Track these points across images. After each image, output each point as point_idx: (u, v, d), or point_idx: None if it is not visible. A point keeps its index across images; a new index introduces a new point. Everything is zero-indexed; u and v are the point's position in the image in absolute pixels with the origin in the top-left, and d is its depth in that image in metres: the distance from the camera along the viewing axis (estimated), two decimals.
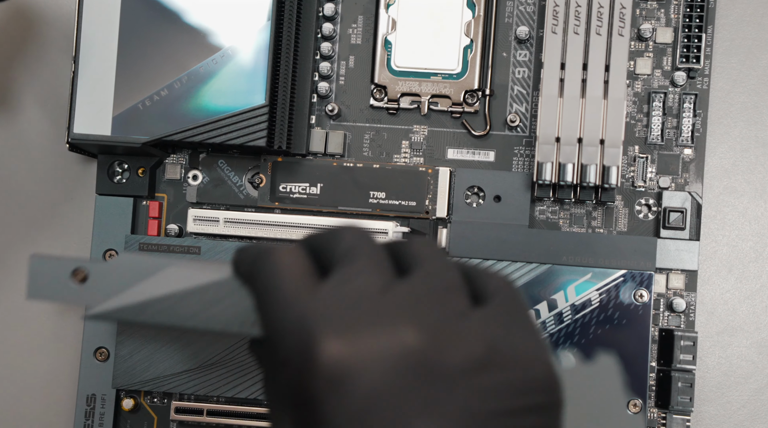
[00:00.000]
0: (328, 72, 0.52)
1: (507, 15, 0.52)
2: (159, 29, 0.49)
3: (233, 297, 0.31)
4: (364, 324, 0.26)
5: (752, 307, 0.52)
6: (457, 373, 0.26)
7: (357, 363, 0.25)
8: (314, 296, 0.27)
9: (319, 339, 0.26)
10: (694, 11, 0.50)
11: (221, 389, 0.49)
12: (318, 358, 0.25)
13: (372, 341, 0.26)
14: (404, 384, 0.25)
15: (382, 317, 0.26)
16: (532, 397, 0.27)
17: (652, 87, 0.51)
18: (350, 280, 0.27)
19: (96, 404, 0.51)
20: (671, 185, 0.51)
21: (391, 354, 0.26)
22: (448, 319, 0.27)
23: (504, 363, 0.27)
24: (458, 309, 0.28)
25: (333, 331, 0.26)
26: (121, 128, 0.49)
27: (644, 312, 0.49)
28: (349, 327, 0.26)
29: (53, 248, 0.55)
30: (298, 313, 0.27)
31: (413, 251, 0.29)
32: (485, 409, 0.26)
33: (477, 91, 0.51)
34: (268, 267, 0.29)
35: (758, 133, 0.52)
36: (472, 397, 0.26)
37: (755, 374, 0.51)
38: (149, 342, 0.50)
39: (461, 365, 0.26)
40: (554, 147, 0.48)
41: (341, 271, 0.28)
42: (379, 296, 0.27)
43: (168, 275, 0.32)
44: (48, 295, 0.39)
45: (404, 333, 0.26)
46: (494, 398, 0.26)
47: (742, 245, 0.52)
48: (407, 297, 0.27)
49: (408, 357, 0.26)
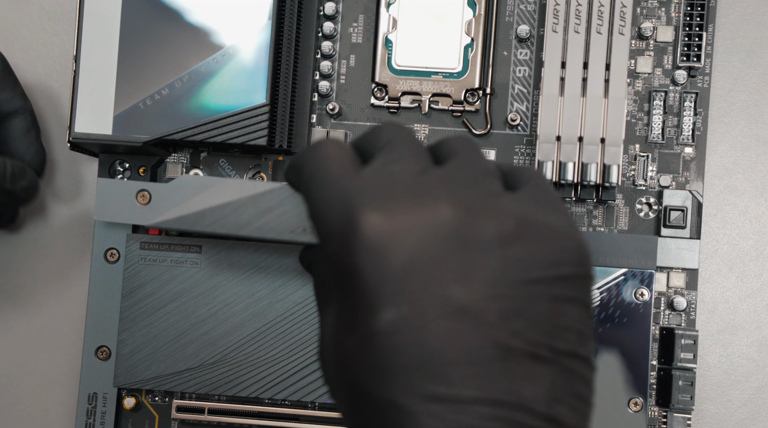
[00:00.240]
0: (329, 71, 0.52)
1: (508, 14, 0.52)
2: (160, 28, 0.49)
3: (285, 205, 0.33)
4: (402, 199, 0.28)
5: (753, 305, 0.52)
6: (490, 244, 0.27)
7: (395, 233, 0.27)
8: (356, 178, 0.29)
9: (361, 212, 0.28)
10: (694, 10, 0.50)
11: (223, 388, 0.49)
12: (359, 229, 0.27)
13: (410, 214, 0.27)
14: (439, 253, 0.27)
15: (419, 195, 0.28)
16: (562, 268, 0.28)
17: (653, 86, 0.51)
18: (390, 164, 0.29)
19: (97, 403, 0.51)
20: (672, 183, 0.51)
21: (427, 225, 0.27)
22: (481, 197, 0.29)
23: (535, 236, 0.28)
24: (492, 190, 0.29)
25: (373, 205, 0.28)
26: (123, 127, 0.49)
27: (645, 311, 0.49)
28: (388, 202, 0.28)
29: (53, 248, 0.55)
30: (342, 191, 0.29)
31: (450, 144, 0.31)
32: (517, 277, 0.27)
33: (478, 90, 0.51)
34: (315, 156, 0.31)
35: (759, 131, 0.52)
36: (504, 266, 0.27)
37: (756, 372, 0.51)
38: (150, 340, 0.50)
39: (494, 236, 0.27)
40: (555, 146, 0.48)
41: (382, 157, 0.30)
42: (417, 178, 0.29)
43: (224, 186, 0.35)
44: (114, 215, 0.46)
45: (440, 208, 0.28)
46: (526, 267, 0.27)
47: (742, 243, 0.52)
48: (443, 179, 0.29)
49: (443, 228, 0.27)
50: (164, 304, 0.50)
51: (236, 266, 0.50)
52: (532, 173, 0.31)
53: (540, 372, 0.27)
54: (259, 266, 0.49)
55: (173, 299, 0.50)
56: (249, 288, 0.49)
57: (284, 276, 0.49)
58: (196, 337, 0.50)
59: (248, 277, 0.50)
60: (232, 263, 0.50)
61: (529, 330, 0.27)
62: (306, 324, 0.49)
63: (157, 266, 0.50)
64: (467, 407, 0.26)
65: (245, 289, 0.49)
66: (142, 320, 0.50)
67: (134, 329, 0.50)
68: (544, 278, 0.28)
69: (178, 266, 0.50)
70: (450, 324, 0.26)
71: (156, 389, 0.50)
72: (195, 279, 0.50)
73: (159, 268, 0.50)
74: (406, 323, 0.27)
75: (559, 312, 0.28)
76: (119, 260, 0.52)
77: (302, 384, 0.49)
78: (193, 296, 0.50)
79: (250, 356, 0.49)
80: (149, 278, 0.50)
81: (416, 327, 0.26)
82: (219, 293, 0.50)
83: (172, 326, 0.50)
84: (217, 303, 0.50)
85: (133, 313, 0.50)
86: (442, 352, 0.26)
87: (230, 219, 0.35)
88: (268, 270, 0.49)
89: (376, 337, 0.27)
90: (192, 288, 0.50)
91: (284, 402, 0.51)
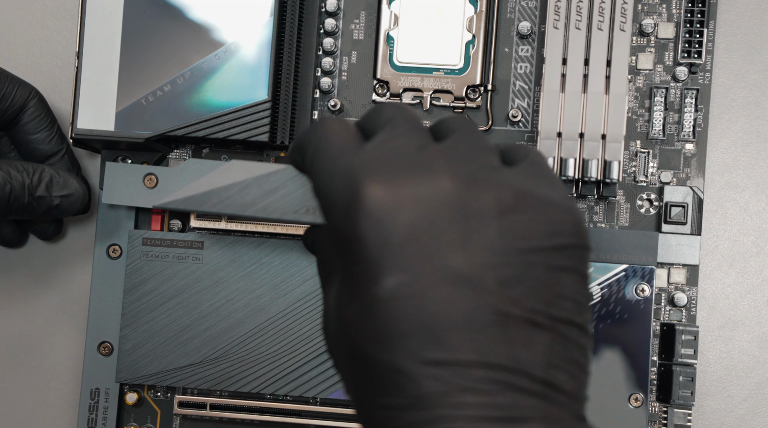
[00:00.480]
0: (331, 67, 0.52)
1: (509, 10, 0.52)
2: (162, 25, 0.50)
3: (289, 186, 0.34)
4: (404, 172, 0.29)
5: (753, 301, 0.52)
6: (488, 214, 0.28)
7: (397, 204, 0.28)
8: (359, 152, 0.30)
9: (364, 183, 0.28)
10: (695, 6, 0.50)
11: (225, 383, 0.50)
12: (362, 199, 0.28)
13: (411, 185, 0.28)
14: (440, 222, 0.28)
15: (420, 168, 0.29)
16: (559, 239, 0.29)
17: (654, 82, 0.51)
18: (392, 140, 0.30)
19: (100, 398, 0.51)
20: (673, 179, 0.51)
21: (427, 196, 0.28)
22: (480, 170, 0.29)
23: (533, 208, 0.29)
24: (490, 164, 0.30)
25: (376, 178, 0.29)
26: (125, 123, 0.50)
27: (646, 307, 0.49)
28: (390, 174, 0.29)
29: (56, 244, 0.55)
30: (345, 165, 0.30)
31: (449, 123, 0.32)
32: (515, 246, 0.28)
33: (479, 86, 0.51)
34: (319, 133, 0.32)
35: (760, 128, 0.52)
36: (502, 235, 0.28)
37: (756, 368, 0.52)
38: (153, 336, 0.50)
39: (493, 207, 0.28)
40: (556, 142, 0.49)
41: (383, 133, 0.31)
42: (418, 152, 0.30)
43: (229, 167, 0.36)
44: (122, 198, 0.49)
45: (440, 180, 0.29)
46: (524, 237, 0.28)
47: (743, 239, 0.52)
48: (443, 153, 0.30)
49: (443, 199, 0.28)
50: (166, 300, 0.50)
51: (238, 262, 0.50)
52: (530, 149, 0.32)
53: (537, 338, 0.28)
54: (260, 262, 0.50)
55: (175, 295, 0.50)
56: (251, 284, 0.50)
57: (286, 272, 0.50)
58: (198, 333, 0.50)
59: (250, 273, 0.50)
60: (233, 259, 0.50)
61: (526, 298, 0.28)
62: (308, 319, 0.49)
63: (159, 262, 0.50)
64: (466, 370, 0.27)
65: (247, 285, 0.50)
66: (145, 316, 0.50)
67: (136, 324, 0.50)
68: (541, 247, 0.28)
69: (180, 263, 0.50)
70: (449, 291, 0.27)
71: (158, 384, 0.51)
72: (197, 275, 0.50)
73: (161, 264, 0.50)
74: (407, 290, 0.27)
75: (556, 281, 0.28)
76: (122, 256, 0.52)
77: (304, 379, 0.49)
78: (195, 292, 0.50)
79: (252, 351, 0.50)
80: (151, 274, 0.50)
81: (416, 293, 0.27)
82: (221, 290, 0.50)
83: (174, 322, 0.50)
84: (219, 299, 0.50)
85: (135, 309, 0.50)
86: (441, 318, 0.27)
87: (235, 199, 0.36)
88: (269, 266, 0.50)
89: (378, 304, 0.27)
90: (194, 284, 0.50)
91: (286, 398, 0.51)
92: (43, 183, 0.48)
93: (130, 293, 0.50)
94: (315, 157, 0.31)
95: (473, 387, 0.27)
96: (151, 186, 0.49)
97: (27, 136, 0.50)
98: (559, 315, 0.28)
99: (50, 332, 0.55)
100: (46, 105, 0.51)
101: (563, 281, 0.29)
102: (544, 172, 0.31)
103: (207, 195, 0.36)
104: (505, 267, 0.28)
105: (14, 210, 0.47)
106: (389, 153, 0.30)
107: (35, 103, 0.50)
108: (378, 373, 0.28)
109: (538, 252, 0.28)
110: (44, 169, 0.48)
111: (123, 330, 0.50)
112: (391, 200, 0.28)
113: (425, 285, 0.27)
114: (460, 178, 0.29)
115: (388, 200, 0.28)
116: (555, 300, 0.28)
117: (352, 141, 0.31)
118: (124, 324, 0.50)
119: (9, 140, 0.52)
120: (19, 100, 0.49)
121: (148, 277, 0.50)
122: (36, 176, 0.48)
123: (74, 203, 0.49)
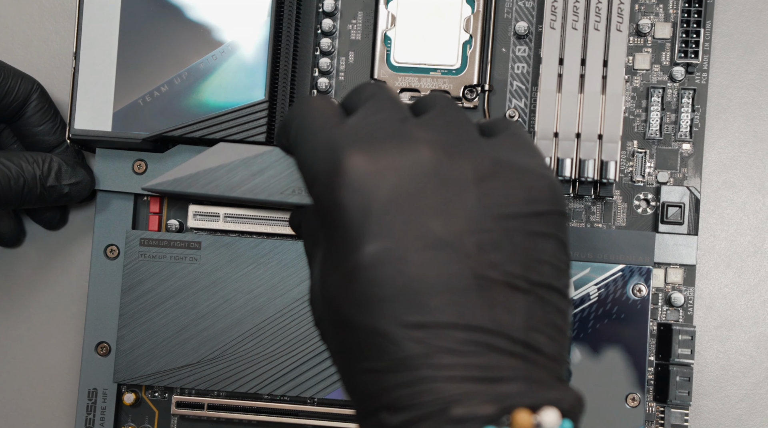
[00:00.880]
0: (328, 68, 0.52)
1: (506, 10, 0.52)
2: (159, 25, 0.50)
3: (276, 167, 0.35)
4: (384, 143, 0.30)
5: (750, 301, 0.52)
6: (467, 181, 0.29)
7: (377, 173, 0.29)
8: (341, 126, 0.31)
9: (345, 154, 0.29)
10: (692, 6, 0.50)
11: (222, 383, 0.50)
12: (343, 169, 0.29)
13: (391, 155, 0.29)
14: (419, 190, 0.29)
15: (400, 138, 0.30)
16: (537, 205, 0.29)
17: (651, 82, 0.51)
18: (373, 114, 0.31)
19: (97, 398, 0.51)
20: (670, 179, 0.51)
21: (407, 165, 0.29)
22: (459, 140, 0.30)
23: (511, 175, 0.30)
24: (469, 135, 0.31)
25: (357, 149, 0.29)
26: (122, 123, 0.50)
27: (643, 307, 0.49)
28: (371, 145, 0.30)
29: (53, 244, 0.55)
30: (327, 138, 0.31)
31: (428, 99, 0.33)
32: (494, 213, 0.29)
33: (476, 86, 0.51)
34: (302, 110, 0.33)
35: (757, 128, 0.52)
36: (481, 201, 0.29)
37: (753, 368, 0.52)
38: (150, 336, 0.50)
39: (471, 174, 0.29)
40: (553, 142, 0.49)
41: (365, 108, 0.32)
42: (398, 125, 0.31)
43: (217, 150, 0.36)
44: (112, 185, 0.51)
45: (419, 149, 0.29)
46: (502, 203, 0.29)
47: (740, 239, 0.52)
48: (423, 126, 0.31)
49: (422, 167, 0.29)
50: (164, 300, 0.50)
51: (235, 262, 0.50)
52: (509, 122, 0.33)
53: (517, 302, 0.28)
54: (258, 263, 0.50)
55: (173, 296, 0.50)
56: (248, 284, 0.50)
57: (283, 273, 0.50)
58: (195, 333, 0.50)
59: (247, 273, 0.50)
60: (231, 259, 0.50)
61: (506, 262, 0.28)
62: (305, 319, 0.49)
63: (156, 263, 0.50)
64: (447, 332, 0.27)
65: (244, 285, 0.50)
66: (142, 316, 0.50)
67: (134, 325, 0.50)
68: (519, 213, 0.29)
69: (178, 263, 0.50)
70: (429, 256, 0.28)
71: (156, 385, 0.51)
72: (194, 275, 0.50)
73: (158, 264, 0.50)
74: (388, 255, 0.28)
75: (535, 247, 0.29)
76: (119, 256, 0.52)
77: (301, 379, 0.49)
78: (192, 292, 0.50)
79: (250, 352, 0.50)
80: (149, 275, 0.50)
81: (397, 259, 0.28)
82: (218, 290, 0.50)
83: (171, 322, 0.50)
84: (217, 299, 0.50)
85: (132, 309, 0.50)
86: (421, 282, 0.28)
87: (223, 181, 0.36)
88: (267, 266, 0.50)
89: (360, 270, 0.28)
90: (191, 284, 0.50)
91: (283, 398, 0.51)
92: (52, 173, 0.49)
93: (128, 293, 0.50)
94: (298, 133, 0.32)
95: (454, 349, 0.27)
96: (140, 172, 0.50)
97: (32, 128, 0.51)
98: (538, 279, 0.29)
99: (48, 332, 0.55)
100: (48, 97, 0.52)
101: (541, 246, 0.29)
102: (523, 142, 0.31)
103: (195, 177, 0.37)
104: (484, 233, 0.28)
105: (27, 201, 0.48)
106: (370, 127, 0.31)
107: (38, 96, 0.51)
108: (361, 338, 0.28)
109: (515, 218, 0.29)
110: (52, 158, 0.49)
111: (120, 331, 0.50)
112: (372, 169, 0.29)
113: (406, 250, 0.28)
114: (439, 147, 0.30)
115: (369, 169, 0.29)
116: (533, 265, 0.29)
117: (334, 116, 0.32)
118: (122, 324, 0.50)
119: (11, 132, 0.52)
120: (23, 94, 0.50)
121: (145, 277, 0.50)
122: (46, 166, 0.49)
123: (82, 190, 0.50)
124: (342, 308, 0.29)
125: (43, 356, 0.55)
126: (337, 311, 0.29)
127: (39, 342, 0.55)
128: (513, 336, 0.28)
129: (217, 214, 0.51)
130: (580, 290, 0.49)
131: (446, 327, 0.27)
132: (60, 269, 0.55)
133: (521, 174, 0.30)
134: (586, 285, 0.49)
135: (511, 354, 0.28)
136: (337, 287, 0.29)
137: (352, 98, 0.33)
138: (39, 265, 0.55)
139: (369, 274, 0.28)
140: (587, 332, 0.49)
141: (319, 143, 0.31)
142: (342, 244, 0.29)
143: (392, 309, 0.28)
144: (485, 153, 0.30)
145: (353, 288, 0.28)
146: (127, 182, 0.51)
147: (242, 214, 0.51)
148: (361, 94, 0.33)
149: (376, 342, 0.28)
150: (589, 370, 0.49)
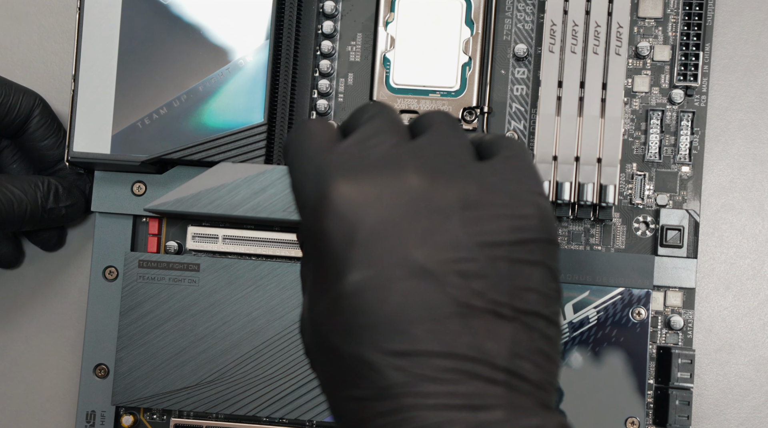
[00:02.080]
0: (327, 89, 0.52)
1: (505, 33, 0.52)
2: (158, 48, 0.50)
3: (277, 186, 0.36)
4: (371, 170, 0.30)
5: (750, 325, 0.52)
6: (451, 209, 0.29)
7: (363, 201, 0.29)
8: (332, 152, 0.31)
9: (331, 182, 0.29)
10: (691, 29, 0.50)
11: (221, 406, 0.49)
12: (329, 198, 0.29)
13: (377, 183, 0.29)
14: (403, 218, 0.29)
15: (388, 165, 0.30)
16: (523, 233, 0.29)
17: (650, 105, 0.51)
18: (366, 139, 0.31)
19: (96, 421, 0.51)
20: (669, 202, 0.51)
21: (393, 193, 0.29)
22: (448, 166, 0.30)
23: (497, 202, 0.29)
24: (460, 160, 0.31)
25: (343, 176, 0.30)
26: (121, 146, 0.50)
27: (642, 330, 0.49)
28: (358, 173, 0.30)
29: (52, 265, 0.55)
30: (317, 165, 0.31)
31: (427, 119, 0.33)
32: (477, 241, 0.29)
33: (475, 108, 0.51)
34: (299, 134, 0.33)
35: (756, 150, 0.52)
36: (464, 229, 0.29)
37: (753, 391, 0.51)
38: (149, 359, 0.50)
39: (456, 202, 0.29)
40: (552, 166, 0.49)
41: (359, 131, 0.32)
42: (389, 150, 0.31)
43: (219, 169, 0.36)
44: (111, 206, 0.50)
45: (406, 177, 0.29)
46: (485, 231, 0.29)
47: (739, 262, 0.52)
48: (414, 151, 0.31)
49: (408, 195, 0.29)
50: (162, 322, 0.50)
51: (234, 284, 0.50)
52: (509, 142, 0.32)
53: (501, 329, 0.28)
54: (256, 285, 0.50)
55: (171, 318, 0.50)
56: (247, 307, 0.50)
57: (282, 295, 0.50)
58: (194, 355, 0.50)
59: (246, 295, 0.50)
60: (230, 281, 0.50)
61: (489, 290, 0.28)
62: None
63: (155, 285, 0.50)
64: (428, 360, 0.27)
65: (243, 307, 0.50)
66: (141, 338, 0.50)
67: (132, 347, 0.50)
68: (504, 241, 0.29)
69: (176, 285, 0.50)
70: (412, 285, 0.28)
71: (154, 407, 0.50)
72: (193, 298, 0.50)
73: (157, 286, 0.50)
74: (371, 284, 0.28)
75: (520, 274, 0.29)
76: (117, 278, 0.52)
77: (300, 402, 0.49)
78: (191, 314, 0.50)
79: (248, 374, 0.49)
80: (147, 297, 0.50)
81: (380, 287, 0.28)
82: (217, 312, 0.50)
83: (170, 344, 0.50)
84: (215, 322, 0.50)
85: (131, 331, 0.50)
86: (403, 311, 0.28)
87: (225, 200, 0.36)
88: (265, 289, 0.50)
89: (344, 298, 0.28)
90: (190, 307, 0.50)
91: (282, 421, 0.51)
92: (51, 195, 0.50)
93: (126, 315, 0.50)
94: (293, 157, 0.32)
95: (436, 377, 0.27)
96: (139, 193, 0.50)
97: (36, 143, 0.51)
98: (524, 307, 0.29)
99: (46, 354, 0.55)
100: (51, 111, 0.52)
101: (527, 274, 0.29)
102: (518, 165, 0.31)
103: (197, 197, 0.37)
104: (468, 261, 0.28)
105: (28, 223, 0.49)
106: (361, 152, 0.31)
107: (41, 111, 0.51)
108: (346, 366, 0.29)
109: (500, 246, 0.29)
110: (50, 181, 0.50)
111: (119, 353, 0.50)
112: (358, 197, 0.29)
113: (389, 279, 0.28)
114: (426, 174, 0.30)
115: (355, 197, 0.29)
116: (518, 293, 0.29)
117: (328, 141, 0.32)
118: (120, 346, 0.50)
119: (15, 148, 0.53)
120: (26, 109, 0.50)
121: (144, 299, 0.50)
122: (44, 188, 0.49)
123: (77, 211, 0.51)
124: (328, 336, 0.29)
125: (41, 377, 0.55)
126: (324, 339, 0.29)
127: (37, 364, 0.55)
128: (496, 364, 0.28)
129: (215, 235, 0.51)
130: (579, 313, 0.49)
131: (428, 355, 0.28)
132: (59, 291, 0.55)
133: (509, 200, 0.30)
134: (586, 308, 0.49)
135: (493, 382, 0.28)
136: (324, 315, 0.29)
137: (352, 120, 0.33)
138: (37, 286, 0.55)
139: (352, 302, 0.28)
140: (586, 355, 0.49)
141: (309, 168, 0.31)
142: (327, 272, 0.29)
143: (375, 338, 0.28)
144: (474, 179, 0.30)
145: (338, 316, 0.29)
146: (126, 204, 0.51)
147: (241, 235, 0.51)
148: (361, 117, 0.33)
149: (360, 370, 0.28)
150: (589, 393, 0.49)
